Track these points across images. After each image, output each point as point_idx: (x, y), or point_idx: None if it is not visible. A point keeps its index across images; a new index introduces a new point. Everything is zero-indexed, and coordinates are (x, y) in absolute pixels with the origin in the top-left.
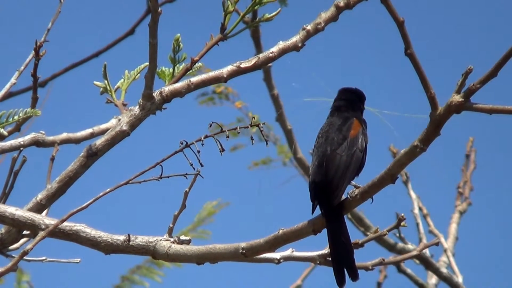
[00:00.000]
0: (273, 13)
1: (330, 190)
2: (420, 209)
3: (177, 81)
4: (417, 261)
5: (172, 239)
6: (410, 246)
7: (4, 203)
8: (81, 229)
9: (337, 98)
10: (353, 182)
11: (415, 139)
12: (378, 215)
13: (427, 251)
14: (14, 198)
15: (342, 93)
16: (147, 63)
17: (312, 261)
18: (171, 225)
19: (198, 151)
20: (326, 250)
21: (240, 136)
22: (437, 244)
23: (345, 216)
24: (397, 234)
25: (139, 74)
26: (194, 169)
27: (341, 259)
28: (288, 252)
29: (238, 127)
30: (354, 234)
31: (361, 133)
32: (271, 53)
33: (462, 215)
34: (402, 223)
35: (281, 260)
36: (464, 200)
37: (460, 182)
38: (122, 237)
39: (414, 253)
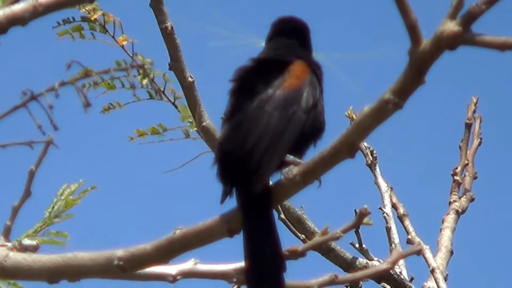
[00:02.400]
0: None
1: (250, 167)
2: (394, 206)
3: (17, 0)
4: (388, 286)
5: (9, 244)
6: (376, 262)
7: None
8: None
9: (271, 32)
10: (290, 157)
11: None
12: (326, 215)
13: (403, 271)
14: None
15: (279, 24)
16: None
17: (226, 278)
18: (8, 222)
19: (51, 107)
20: None
21: (119, 91)
22: (418, 253)
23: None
24: (357, 245)
25: None
26: (44, 134)
27: (262, 277)
28: (189, 264)
29: (112, 69)
30: (291, 243)
31: (308, 83)
32: None
33: (460, 216)
34: (365, 220)
35: (178, 277)
36: (464, 194)
37: (457, 166)
38: None
39: (383, 267)
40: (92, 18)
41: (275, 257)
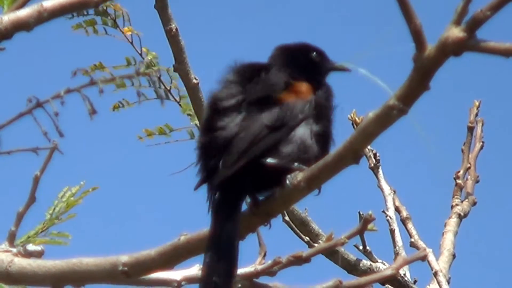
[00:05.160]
0: None
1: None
2: (397, 209)
3: (22, 5)
4: None
5: (14, 250)
6: (380, 264)
7: None
8: None
9: (273, 59)
10: (295, 164)
11: (390, 96)
12: (330, 217)
13: (407, 273)
14: None
15: (281, 53)
16: None
17: None
18: (13, 228)
19: (56, 114)
20: (254, 267)
21: (130, 88)
22: (423, 259)
23: (274, 218)
24: (361, 247)
25: None
26: (49, 140)
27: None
28: (194, 270)
29: (117, 78)
30: (295, 245)
31: (307, 102)
32: None
33: (462, 219)
34: (370, 226)
35: (183, 283)
36: (466, 197)
37: (460, 169)
38: None
39: (388, 272)
40: (105, 6)
41: (227, 267)
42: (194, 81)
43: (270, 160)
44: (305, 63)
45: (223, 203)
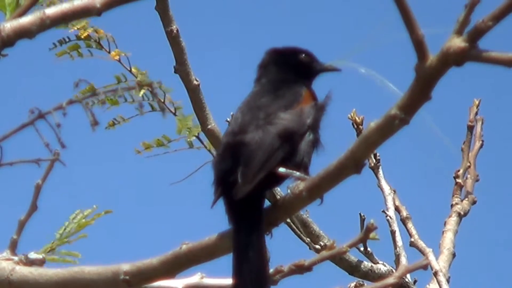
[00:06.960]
0: None
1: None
2: (397, 209)
3: (24, 13)
4: None
5: (16, 258)
6: (381, 266)
7: None
8: None
9: (266, 62)
10: (296, 173)
11: (392, 106)
12: (331, 218)
13: (407, 275)
14: None
15: (273, 56)
16: None
17: None
18: (15, 236)
19: (58, 125)
20: None
21: (122, 105)
22: (425, 267)
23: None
24: (361, 248)
25: None
26: (51, 152)
27: None
28: (195, 278)
29: (120, 88)
30: (296, 248)
31: (309, 108)
32: None
33: (462, 218)
34: (372, 235)
35: None
36: (466, 196)
37: (459, 169)
38: None
39: (390, 281)
40: (83, 36)
41: (259, 277)
42: (195, 82)
43: (281, 170)
44: (298, 67)
45: (245, 215)
